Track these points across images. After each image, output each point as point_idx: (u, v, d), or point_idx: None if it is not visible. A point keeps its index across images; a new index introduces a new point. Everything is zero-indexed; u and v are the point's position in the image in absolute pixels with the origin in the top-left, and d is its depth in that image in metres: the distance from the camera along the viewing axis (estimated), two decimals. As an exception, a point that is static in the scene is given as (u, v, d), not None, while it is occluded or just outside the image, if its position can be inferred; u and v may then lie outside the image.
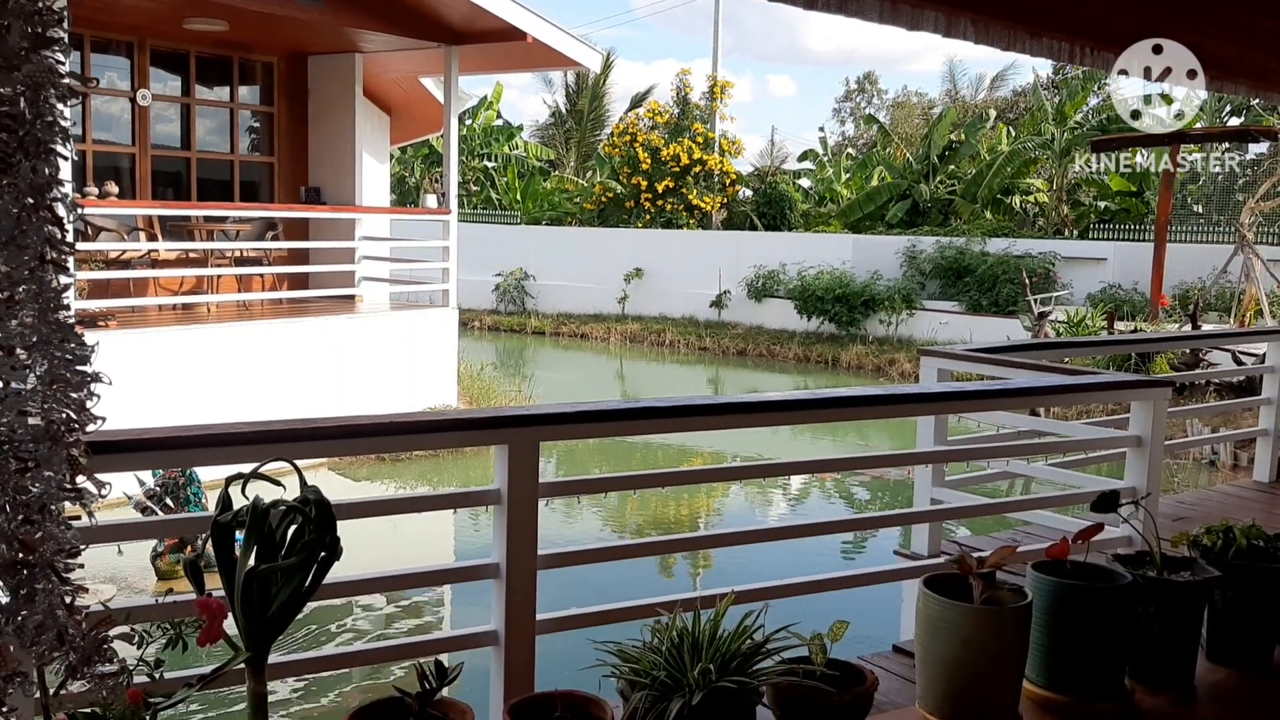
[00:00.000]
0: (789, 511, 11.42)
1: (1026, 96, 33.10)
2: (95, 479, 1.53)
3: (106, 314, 10.82)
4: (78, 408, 1.49)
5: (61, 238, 1.43)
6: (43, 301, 1.41)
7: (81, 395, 1.49)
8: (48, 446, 1.43)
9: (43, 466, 1.44)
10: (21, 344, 1.41)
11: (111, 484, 1.63)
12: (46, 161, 1.38)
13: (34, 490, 1.43)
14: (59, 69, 1.35)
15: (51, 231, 1.39)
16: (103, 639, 1.55)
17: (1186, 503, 6.42)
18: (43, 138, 1.38)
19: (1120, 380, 4.81)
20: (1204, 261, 20.13)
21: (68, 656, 1.51)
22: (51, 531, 1.46)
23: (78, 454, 1.51)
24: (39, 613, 1.46)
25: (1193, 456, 12.46)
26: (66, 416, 1.47)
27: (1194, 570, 2.63)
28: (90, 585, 5.67)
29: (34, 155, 1.36)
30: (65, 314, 1.50)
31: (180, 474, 7.98)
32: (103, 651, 1.54)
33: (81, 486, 1.51)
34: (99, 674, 1.53)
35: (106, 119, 13.07)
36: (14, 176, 1.36)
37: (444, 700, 1.95)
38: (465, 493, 2.99)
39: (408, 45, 13.38)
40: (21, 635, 1.46)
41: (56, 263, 1.43)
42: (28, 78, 1.31)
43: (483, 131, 30.95)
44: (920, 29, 3.92)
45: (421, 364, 12.99)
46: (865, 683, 2.25)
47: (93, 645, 1.51)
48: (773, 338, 22.43)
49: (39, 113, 1.35)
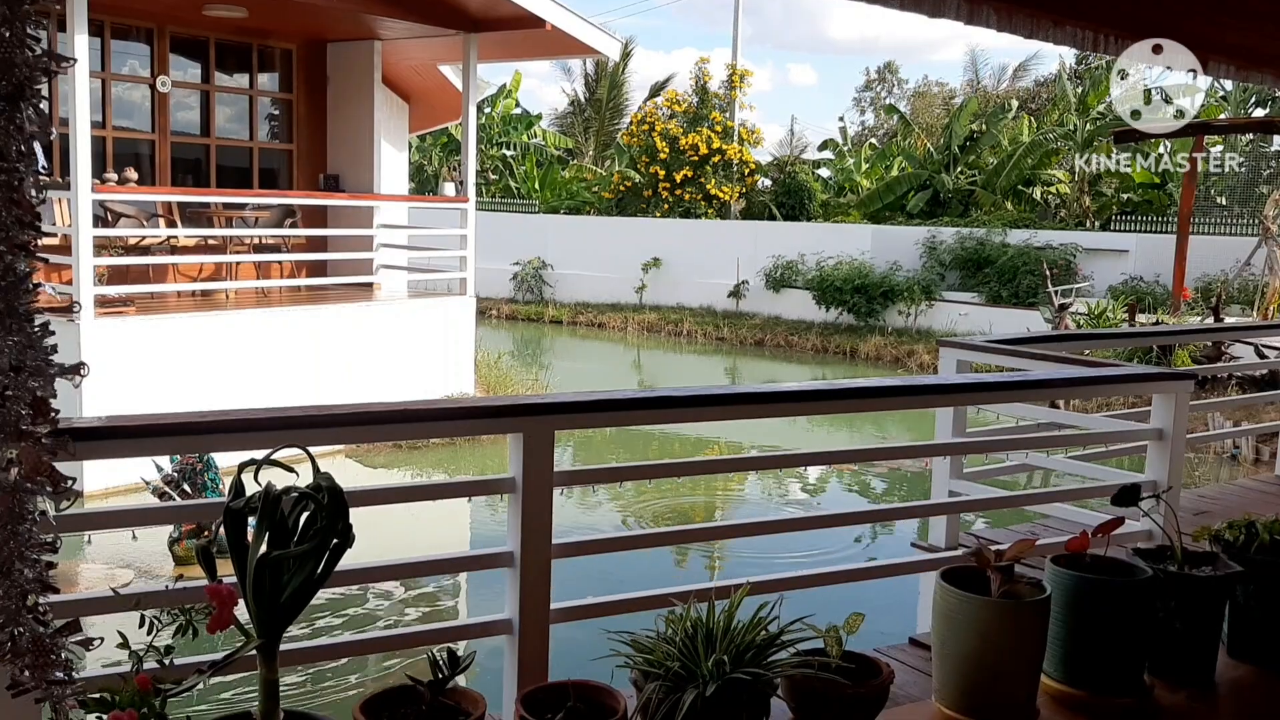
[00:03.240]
0: (805, 504, 11.40)
1: (1049, 86, 32.84)
2: (55, 471, 1.49)
3: (126, 299, 10.87)
4: (38, 398, 1.44)
5: (30, 220, 1.39)
6: (6, 287, 1.37)
7: (41, 385, 1.46)
8: (1, 437, 1.39)
9: None
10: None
11: (77, 478, 1.59)
12: (17, 140, 1.33)
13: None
14: (32, 45, 1.30)
15: (17, 214, 1.34)
16: (53, 645, 1.51)
17: (1208, 497, 6.36)
18: (13, 115, 1.33)
19: (1142, 373, 4.76)
20: (1227, 254, 19.96)
21: (18, 660, 1.48)
22: (15, 528, 1.42)
23: (39, 446, 1.47)
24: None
25: (1214, 450, 12.37)
26: (29, 403, 1.43)
27: (1215, 565, 2.60)
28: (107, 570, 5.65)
29: (1, 135, 1.31)
30: (31, 300, 1.45)
31: (197, 460, 8.02)
32: (52, 658, 1.50)
33: (39, 480, 1.47)
34: (49, 680, 1.50)
35: (126, 106, 13.11)
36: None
37: (457, 689, 1.94)
38: (480, 481, 2.98)
39: (427, 32, 13.36)
40: None
41: (23, 246, 1.38)
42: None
43: (501, 120, 30.92)
44: (942, 16, 3.88)
45: (439, 352, 13.00)
46: (881, 675, 2.23)
47: (46, 650, 1.47)
48: (791, 328, 22.36)
49: (8, 89, 1.30)
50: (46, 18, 1.34)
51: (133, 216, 11.71)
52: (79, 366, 1.52)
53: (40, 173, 1.39)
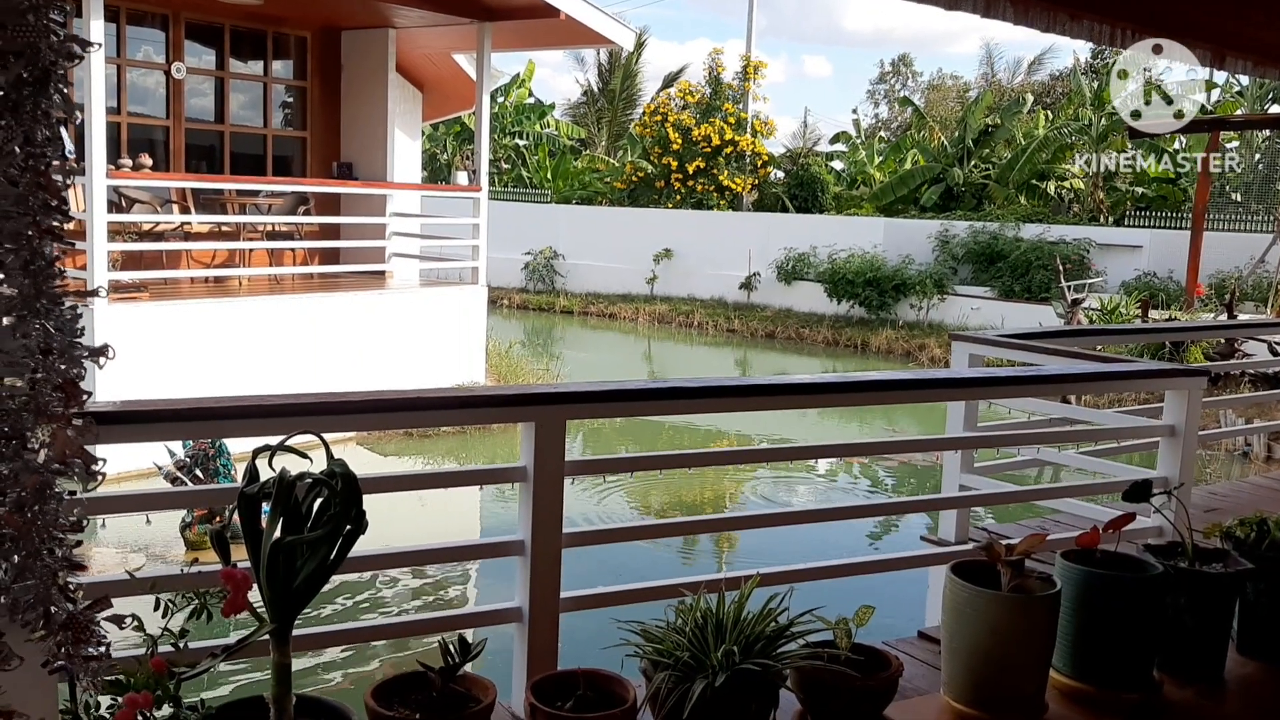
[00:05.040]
0: (815, 497, 11.39)
1: (1064, 80, 32.70)
2: (86, 452, 1.51)
3: (139, 285, 10.91)
4: (68, 380, 1.46)
5: (56, 205, 1.40)
6: (35, 270, 1.38)
7: (72, 367, 1.47)
8: (32, 418, 1.41)
9: (30, 439, 1.42)
10: (9, 311, 1.38)
11: (106, 459, 1.61)
12: (43, 124, 1.34)
13: (19, 461, 1.40)
14: (56, 29, 1.31)
15: (44, 198, 1.35)
16: (90, 620, 1.53)
17: (1219, 494, 6.34)
18: (39, 100, 1.34)
19: (1154, 369, 4.75)
20: (1241, 250, 19.87)
21: (54, 635, 1.49)
22: (45, 507, 1.44)
23: (68, 426, 1.49)
24: (30, 591, 1.44)
25: (1225, 448, 12.33)
26: (57, 387, 1.45)
27: (1226, 562, 2.60)
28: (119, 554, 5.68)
29: (29, 119, 1.32)
30: (59, 283, 1.47)
31: (210, 446, 8.05)
32: (88, 633, 1.52)
33: (71, 461, 1.48)
34: (84, 655, 1.52)
35: (141, 92, 13.14)
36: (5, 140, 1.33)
37: (467, 675, 1.95)
38: (491, 470, 3.00)
39: (441, 20, 13.36)
40: (13, 611, 1.44)
41: (50, 230, 1.39)
42: (24, 35, 1.27)
43: (515, 110, 30.92)
44: (959, 9, 3.87)
45: (450, 340, 13.03)
46: (890, 668, 2.23)
47: (81, 626, 1.49)
48: (802, 321, 22.34)
49: (35, 74, 1.31)
50: (69, 2, 1.35)
51: (147, 202, 11.74)
52: (105, 349, 1.53)
53: (67, 157, 1.40)
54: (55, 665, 1.50)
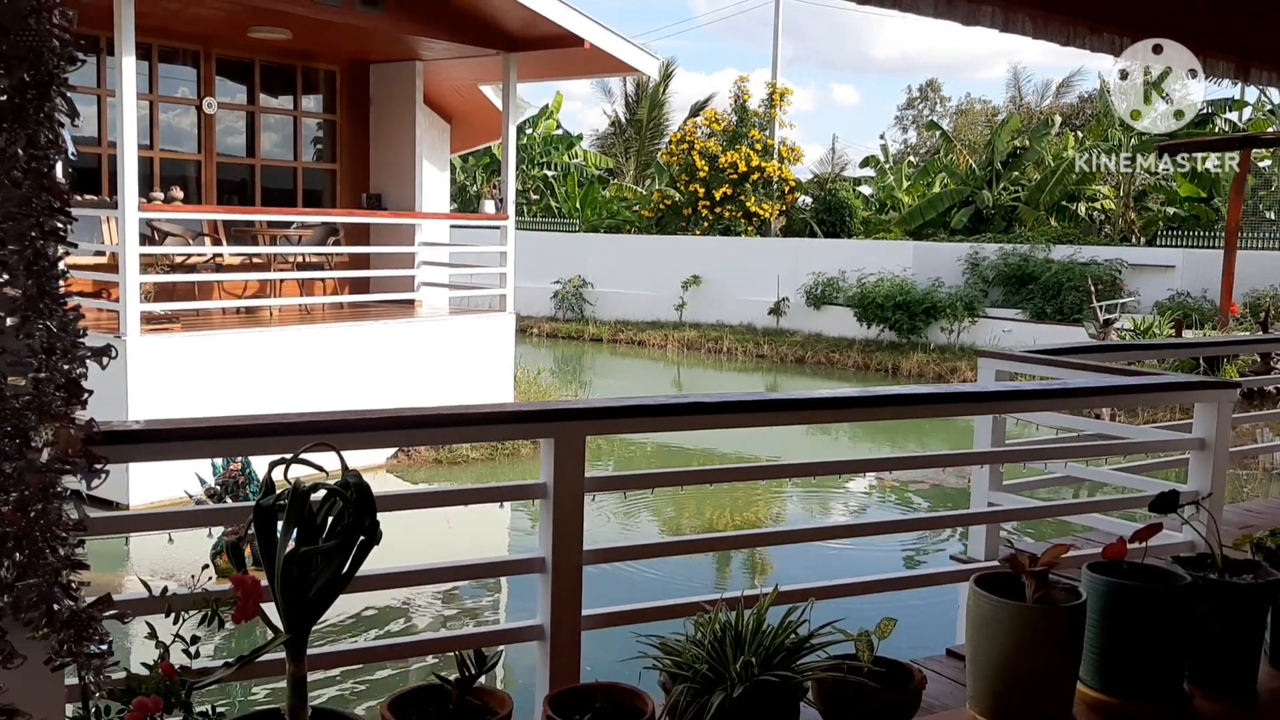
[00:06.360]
0: (844, 519, 11.31)
1: (1093, 102, 32.56)
2: (89, 451, 1.52)
3: (172, 316, 11.03)
4: (71, 379, 1.47)
5: (60, 207, 1.42)
6: (39, 271, 1.40)
7: (75, 367, 1.48)
8: (35, 417, 1.42)
9: (33, 438, 1.44)
10: (13, 311, 1.40)
11: (108, 459, 1.62)
12: (46, 127, 1.36)
13: (23, 460, 1.42)
14: (59, 34, 1.33)
15: (48, 200, 1.38)
16: (91, 617, 1.54)
17: (1253, 511, 6.26)
18: (42, 103, 1.36)
19: (1182, 381, 4.69)
20: (1276, 268, 19.65)
21: (57, 632, 1.50)
22: (48, 506, 1.45)
23: (70, 426, 1.50)
24: (33, 590, 1.46)
25: (1263, 466, 12.15)
26: (60, 386, 1.46)
27: (1257, 573, 2.55)
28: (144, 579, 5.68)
29: (32, 122, 1.35)
30: (61, 284, 1.49)
31: (240, 473, 8.10)
32: (91, 631, 1.53)
33: (77, 460, 1.50)
34: (86, 653, 1.53)
35: (174, 128, 13.34)
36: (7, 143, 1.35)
37: (483, 688, 1.95)
38: (512, 486, 3.00)
39: (467, 53, 13.49)
40: (16, 609, 1.45)
41: (54, 232, 1.41)
42: (27, 39, 1.30)
43: (543, 141, 31.12)
44: (977, 24, 3.86)
45: (479, 368, 13.08)
46: (913, 681, 2.21)
47: (83, 624, 1.50)
48: (832, 345, 22.26)
49: (38, 77, 1.34)
50: (74, 8, 1.37)
51: (179, 235, 11.89)
52: (108, 349, 1.55)
53: (70, 159, 1.42)
54: (59, 664, 1.52)
